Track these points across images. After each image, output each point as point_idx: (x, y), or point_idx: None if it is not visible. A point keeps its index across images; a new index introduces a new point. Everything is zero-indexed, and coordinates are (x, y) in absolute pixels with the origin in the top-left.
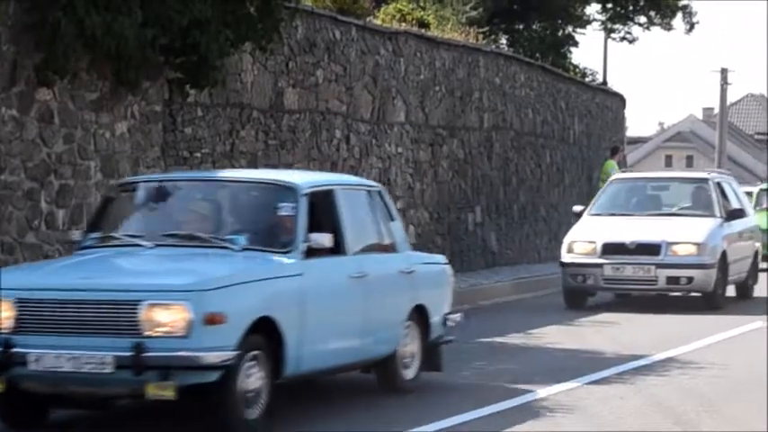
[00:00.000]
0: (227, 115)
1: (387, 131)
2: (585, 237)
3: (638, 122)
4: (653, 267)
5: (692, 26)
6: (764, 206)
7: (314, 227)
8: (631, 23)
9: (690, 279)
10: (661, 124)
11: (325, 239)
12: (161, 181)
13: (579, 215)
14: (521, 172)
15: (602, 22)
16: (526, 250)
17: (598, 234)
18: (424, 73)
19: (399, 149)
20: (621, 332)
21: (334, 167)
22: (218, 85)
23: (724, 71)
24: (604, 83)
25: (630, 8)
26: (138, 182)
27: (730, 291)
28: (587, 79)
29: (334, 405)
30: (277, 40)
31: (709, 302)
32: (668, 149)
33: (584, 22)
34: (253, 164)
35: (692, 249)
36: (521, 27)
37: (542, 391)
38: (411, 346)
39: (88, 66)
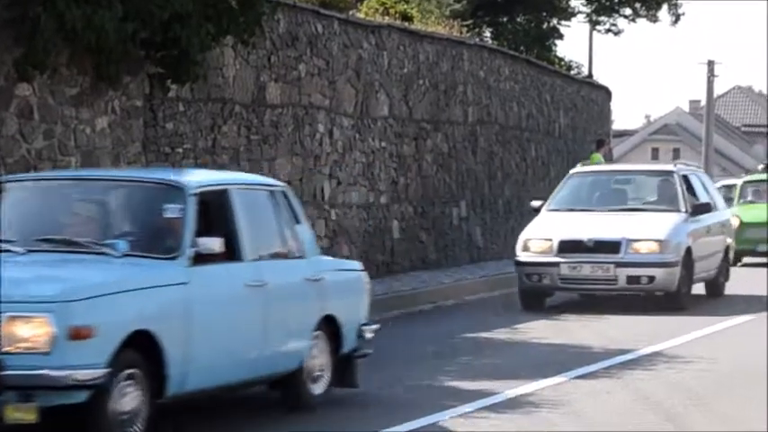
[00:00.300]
0: (209, 110)
1: (370, 126)
2: (541, 234)
3: (624, 115)
4: (612, 266)
5: (677, 18)
6: (749, 199)
7: (205, 230)
8: (617, 15)
9: (651, 278)
10: (647, 117)
11: (215, 244)
12: (37, 180)
13: (537, 210)
14: (506, 166)
15: (587, 15)
16: (511, 245)
17: (555, 231)
18: (407, 66)
19: (383, 144)
20: (608, 327)
21: (317, 162)
22: (200, 80)
23: (711, 63)
24: (590, 75)
25: (616, 0)
26: (12, 181)
27: (700, 289)
28: (573, 72)
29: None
30: (259, 34)
31: (673, 302)
32: (655, 142)
33: (568, 14)
34: (235, 159)
35: (654, 247)
36: (505, 20)
37: (528, 386)
38: (319, 360)
39: (68, 60)
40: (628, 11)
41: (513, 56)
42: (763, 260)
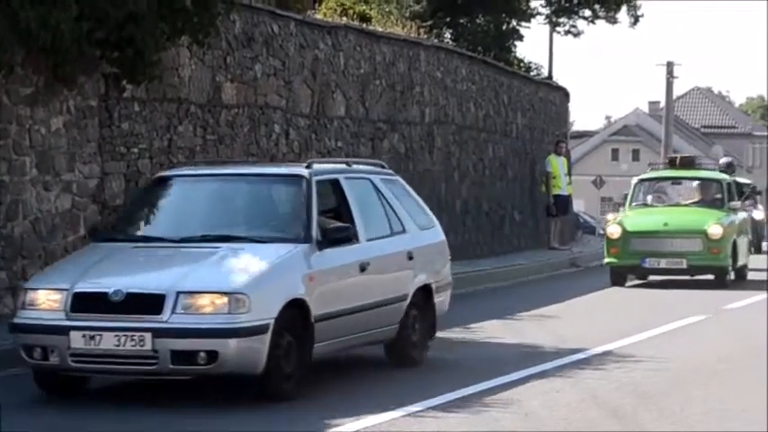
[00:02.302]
0: (165, 110)
1: (326, 126)
2: (56, 280)
3: (585, 116)
4: (148, 335)
5: (636, 19)
6: (647, 201)
7: None
8: (576, 17)
9: (213, 355)
10: (608, 118)
11: None
12: None
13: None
14: (463, 166)
15: (547, 16)
16: (468, 245)
17: (77, 275)
18: (363, 67)
19: (339, 144)
20: (561, 326)
21: (273, 162)
22: (155, 80)
23: (670, 64)
24: (550, 77)
25: (575, 1)
26: None
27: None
28: (533, 73)
29: None
30: (214, 35)
31: (262, 390)
32: (614, 143)
33: (528, 15)
34: (191, 159)
35: (221, 302)
36: (465, 21)
37: (479, 386)
38: None
39: (23, 60)
40: (587, 12)
41: (471, 56)
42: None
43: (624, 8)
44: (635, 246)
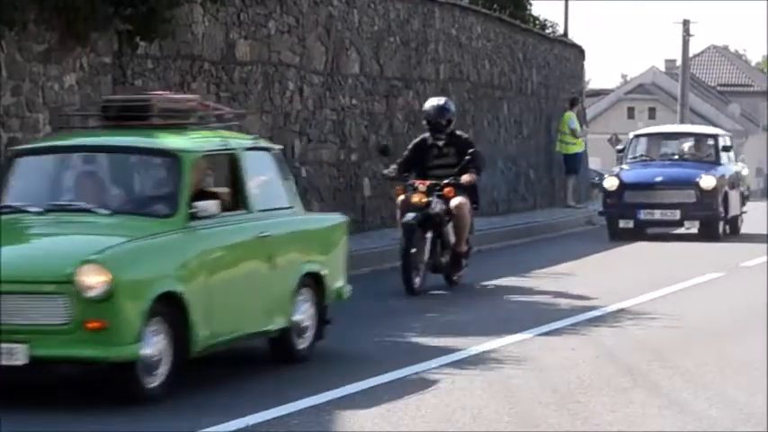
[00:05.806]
0: (178, 67)
1: (341, 83)
2: None
3: (601, 75)
4: None
5: None
6: None
7: None
8: None
9: None
10: (624, 76)
11: None
12: None
13: None
14: (477, 124)
15: None
16: (484, 203)
17: None
18: (378, 24)
19: (354, 101)
20: (576, 283)
21: (287, 119)
22: (169, 37)
23: (686, 23)
24: (565, 35)
25: None
26: None
27: None
28: (548, 31)
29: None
30: None
31: None
32: (630, 102)
33: None
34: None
35: None
36: None
37: (493, 343)
38: None
39: (36, 17)
40: None
41: (486, 14)
42: None
43: None
44: None
